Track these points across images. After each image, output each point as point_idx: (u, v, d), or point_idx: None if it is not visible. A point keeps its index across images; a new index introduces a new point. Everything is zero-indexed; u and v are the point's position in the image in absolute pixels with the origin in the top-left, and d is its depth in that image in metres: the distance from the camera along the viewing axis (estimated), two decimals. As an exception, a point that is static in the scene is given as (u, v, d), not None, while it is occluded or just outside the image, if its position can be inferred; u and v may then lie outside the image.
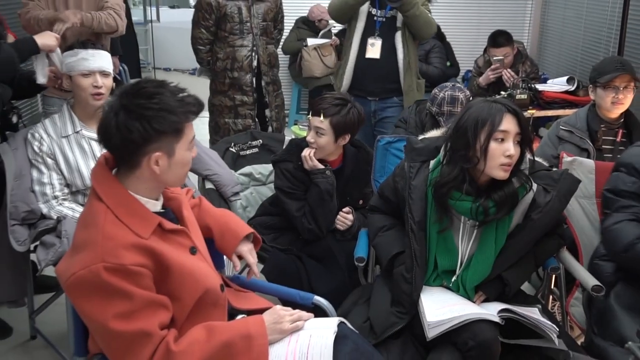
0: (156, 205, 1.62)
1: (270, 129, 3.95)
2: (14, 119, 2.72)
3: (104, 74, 2.47)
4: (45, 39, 2.49)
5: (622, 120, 2.82)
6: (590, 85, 2.81)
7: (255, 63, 3.79)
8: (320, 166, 2.56)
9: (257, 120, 3.90)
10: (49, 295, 2.76)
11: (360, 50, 3.47)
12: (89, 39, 2.63)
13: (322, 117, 2.51)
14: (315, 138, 2.55)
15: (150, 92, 1.50)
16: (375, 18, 3.42)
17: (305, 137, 2.64)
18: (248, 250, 1.91)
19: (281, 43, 4.55)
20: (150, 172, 1.53)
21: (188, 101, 1.55)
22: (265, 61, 3.83)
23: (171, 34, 9.25)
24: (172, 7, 11.48)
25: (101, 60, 2.48)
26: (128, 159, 1.53)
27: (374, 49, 3.44)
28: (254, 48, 3.75)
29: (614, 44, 4.30)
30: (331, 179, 2.56)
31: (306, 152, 2.56)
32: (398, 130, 3.07)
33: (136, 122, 1.47)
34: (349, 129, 2.56)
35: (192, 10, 11.44)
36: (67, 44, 2.57)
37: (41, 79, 2.56)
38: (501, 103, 1.90)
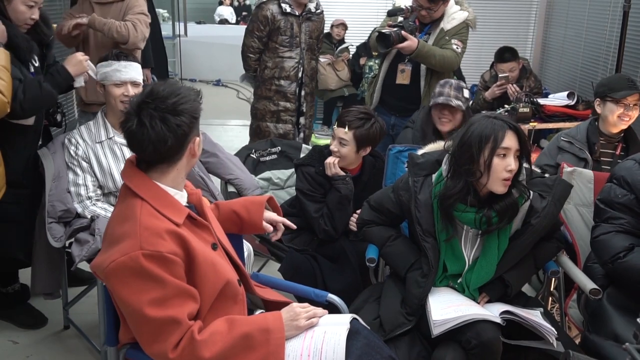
0: (183, 198, 1.65)
1: (302, 134, 3.96)
2: (59, 117, 2.75)
3: (134, 84, 2.50)
4: (75, 65, 2.52)
5: (622, 135, 2.79)
6: (598, 99, 2.78)
7: (300, 74, 3.82)
8: (342, 173, 2.57)
9: (296, 126, 3.92)
10: (82, 288, 2.79)
11: (389, 72, 3.42)
12: (122, 51, 2.65)
13: (346, 129, 2.52)
14: (339, 147, 2.56)
15: (170, 91, 1.53)
16: None
17: (327, 145, 2.65)
18: (274, 214, 1.98)
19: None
20: (188, 158, 1.59)
21: (189, 87, 1.61)
22: (308, 73, 3.87)
23: (197, 47, 9.33)
24: (198, 22, 11.60)
25: (133, 71, 2.51)
26: (174, 155, 1.56)
27: (404, 75, 3.38)
28: (301, 61, 3.78)
29: (612, 62, 4.26)
30: (351, 185, 2.57)
31: (330, 160, 2.57)
32: (407, 131, 3.04)
33: (181, 116, 1.51)
34: (370, 142, 2.58)
35: (216, 26, 11.58)
36: (101, 56, 2.59)
37: (77, 84, 2.60)
38: (502, 120, 1.90)
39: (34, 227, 2.52)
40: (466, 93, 2.87)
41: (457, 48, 3.28)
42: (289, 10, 3.68)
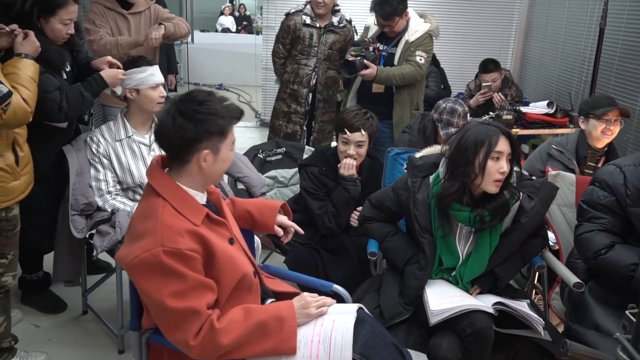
0: (203, 198, 1.64)
1: (312, 137, 3.98)
2: (86, 118, 2.75)
3: (162, 85, 2.54)
4: (112, 78, 2.49)
5: (606, 149, 2.81)
6: (582, 117, 2.79)
7: (314, 81, 3.82)
8: (356, 175, 2.56)
9: (304, 128, 3.94)
10: (100, 276, 2.77)
11: (364, 83, 3.44)
12: (144, 56, 2.64)
13: (363, 132, 2.52)
14: (357, 150, 2.56)
15: (200, 99, 1.54)
16: (381, 53, 3.34)
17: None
18: (285, 219, 1.97)
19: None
20: (198, 167, 1.56)
21: (231, 108, 1.59)
22: (322, 82, 3.84)
23: (202, 53, 9.27)
24: (203, 31, 11.53)
25: (160, 74, 2.54)
26: (181, 155, 1.55)
27: (378, 85, 3.41)
28: (316, 69, 3.78)
29: (587, 74, 4.29)
30: (359, 187, 2.57)
31: (350, 161, 2.55)
32: (404, 136, 3.06)
33: (190, 123, 1.50)
34: (375, 134, 2.61)
35: (220, 34, 11.46)
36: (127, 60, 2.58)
37: (118, 91, 2.57)
38: (495, 126, 1.90)
39: (57, 220, 2.49)
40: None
41: (420, 59, 3.34)
42: (309, 22, 3.72)
